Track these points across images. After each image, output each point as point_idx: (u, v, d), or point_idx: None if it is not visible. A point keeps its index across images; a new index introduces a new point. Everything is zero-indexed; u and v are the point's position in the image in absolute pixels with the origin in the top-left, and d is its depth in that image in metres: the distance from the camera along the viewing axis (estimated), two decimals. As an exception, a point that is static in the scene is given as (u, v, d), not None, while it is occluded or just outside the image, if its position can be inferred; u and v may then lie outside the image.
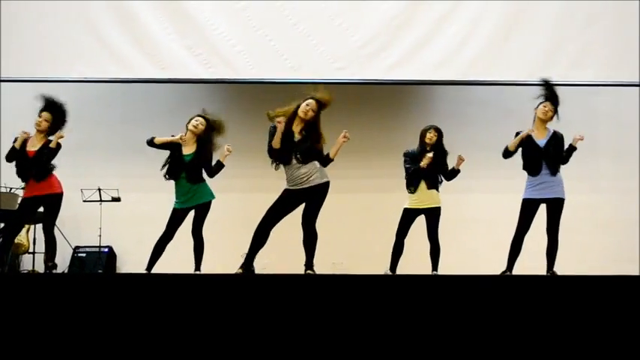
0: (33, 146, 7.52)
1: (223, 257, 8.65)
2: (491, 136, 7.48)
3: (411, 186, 7.69)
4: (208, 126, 7.44)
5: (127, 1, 9.48)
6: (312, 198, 6.98)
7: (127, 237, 10.26)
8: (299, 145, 6.95)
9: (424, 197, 7.65)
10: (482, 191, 9.73)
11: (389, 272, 7.66)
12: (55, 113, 7.63)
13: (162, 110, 10.52)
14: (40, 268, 9.01)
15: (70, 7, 9.45)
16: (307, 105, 6.98)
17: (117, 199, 9.89)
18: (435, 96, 10.67)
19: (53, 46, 9.47)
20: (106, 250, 10.16)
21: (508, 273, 7.29)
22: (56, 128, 7.63)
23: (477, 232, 10.02)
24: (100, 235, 9.89)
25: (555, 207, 7.29)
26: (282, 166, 7.05)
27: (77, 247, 10.20)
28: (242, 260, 7.02)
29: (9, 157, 7.50)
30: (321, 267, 7.08)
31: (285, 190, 7.02)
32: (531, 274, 7.00)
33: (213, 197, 7.46)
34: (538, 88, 7.67)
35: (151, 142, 7.39)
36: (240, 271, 6.89)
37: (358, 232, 10.23)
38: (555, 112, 7.45)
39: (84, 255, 10.13)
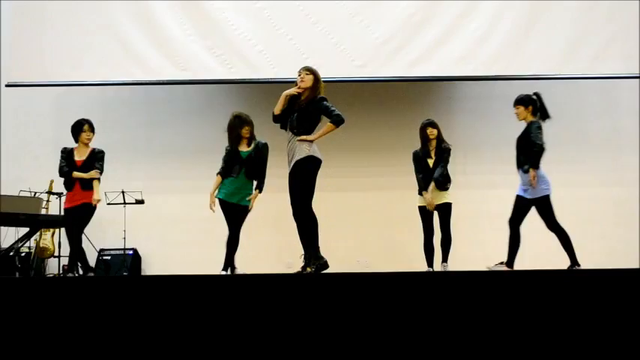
0: (80, 156, 7.82)
1: (252, 257, 8.66)
2: (515, 132, 7.40)
3: (423, 191, 7.99)
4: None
5: (147, 1, 9.54)
6: (294, 177, 6.87)
7: (151, 239, 10.31)
8: (296, 112, 6.98)
9: (435, 196, 7.96)
10: (507, 187, 9.66)
11: (430, 269, 7.92)
12: (92, 129, 7.89)
13: (184, 111, 10.56)
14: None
15: (92, 11, 9.54)
16: (298, 74, 7.08)
17: (141, 202, 9.89)
18: (457, 92, 10.62)
19: (76, 50, 9.57)
20: (131, 252, 10.20)
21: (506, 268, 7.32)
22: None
23: (503, 227, 9.97)
24: (125, 238, 9.91)
25: (542, 205, 7.28)
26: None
27: (102, 250, 10.25)
28: (301, 262, 6.98)
29: (62, 174, 7.79)
30: (345, 265, 7.04)
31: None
32: (554, 269, 6.92)
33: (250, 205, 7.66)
34: (560, 81, 7.60)
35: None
36: (311, 270, 6.81)
37: (382, 230, 10.21)
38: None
39: (109, 257, 10.16)
